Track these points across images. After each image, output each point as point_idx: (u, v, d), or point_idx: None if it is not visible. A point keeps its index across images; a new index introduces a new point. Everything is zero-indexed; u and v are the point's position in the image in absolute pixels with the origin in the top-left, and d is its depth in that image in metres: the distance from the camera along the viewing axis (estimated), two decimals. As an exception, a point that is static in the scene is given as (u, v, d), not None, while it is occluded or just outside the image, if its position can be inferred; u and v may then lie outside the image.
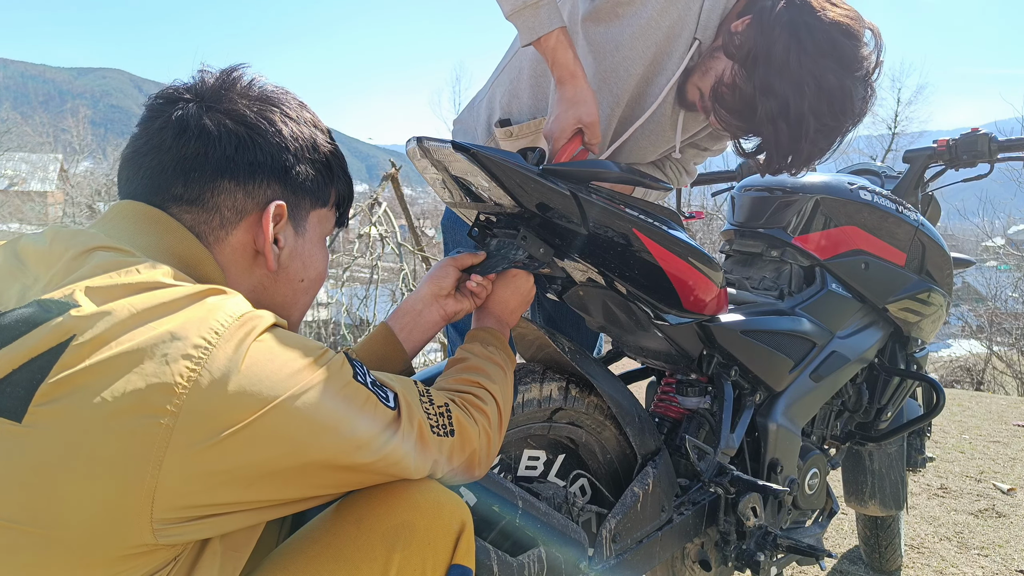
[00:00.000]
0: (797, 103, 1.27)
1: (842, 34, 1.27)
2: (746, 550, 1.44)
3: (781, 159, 1.37)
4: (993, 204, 16.29)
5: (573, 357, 1.26)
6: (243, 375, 0.69)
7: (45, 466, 0.63)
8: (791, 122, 1.29)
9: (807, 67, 1.26)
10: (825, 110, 1.28)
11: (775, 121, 1.30)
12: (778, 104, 1.28)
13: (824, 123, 1.30)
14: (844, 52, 1.27)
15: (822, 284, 1.64)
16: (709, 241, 11.55)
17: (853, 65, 1.28)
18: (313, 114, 0.97)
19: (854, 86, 1.28)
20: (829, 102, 1.28)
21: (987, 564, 2.31)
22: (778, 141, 1.33)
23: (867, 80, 1.31)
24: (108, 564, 0.65)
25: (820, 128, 1.30)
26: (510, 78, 1.53)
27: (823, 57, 1.26)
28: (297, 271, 0.95)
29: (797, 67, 1.26)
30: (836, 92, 1.27)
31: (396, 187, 7.08)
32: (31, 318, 0.67)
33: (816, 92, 1.27)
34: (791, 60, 1.26)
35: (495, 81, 1.59)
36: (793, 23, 1.26)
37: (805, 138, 1.30)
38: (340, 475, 0.79)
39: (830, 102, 1.28)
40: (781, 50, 1.26)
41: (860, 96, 1.31)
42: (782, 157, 1.36)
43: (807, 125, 1.29)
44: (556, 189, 1.10)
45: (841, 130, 1.33)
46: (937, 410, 1.81)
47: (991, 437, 3.91)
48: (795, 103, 1.27)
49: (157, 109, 0.88)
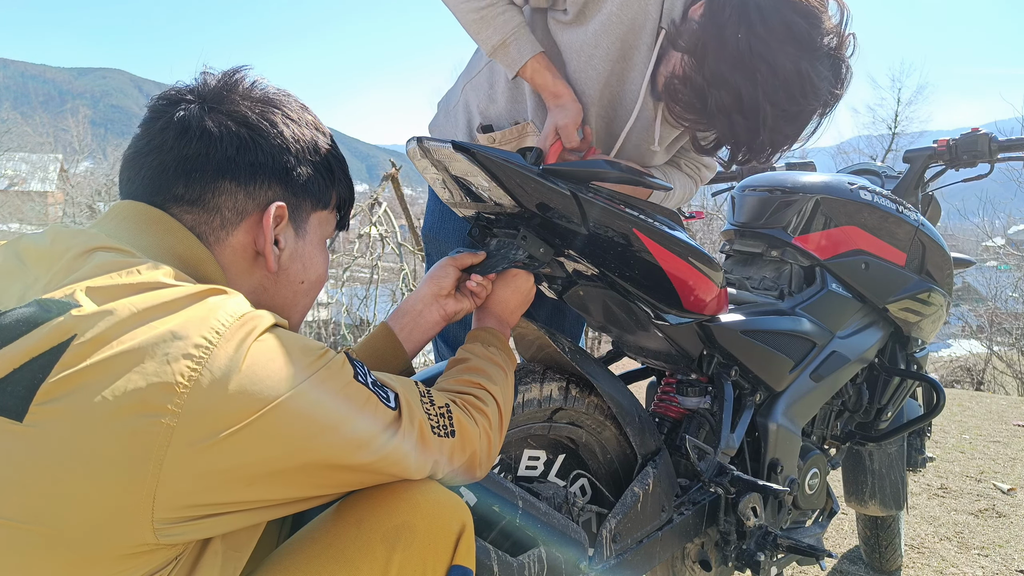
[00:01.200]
0: (751, 92, 1.20)
1: (796, 13, 1.19)
2: (746, 550, 1.44)
3: (742, 151, 1.31)
4: (993, 204, 16.29)
5: (573, 357, 1.26)
6: (244, 375, 0.69)
7: (46, 465, 0.63)
8: (746, 113, 1.23)
9: (759, 52, 1.18)
10: (783, 97, 1.21)
11: (730, 113, 1.24)
12: (730, 95, 1.22)
13: (783, 109, 1.22)
14: (799, 32, 1.19)
15: (822, 284, 1.64)
16: (709, 241, 11.55)
17: (811, 44, 1.20)
18: (315, 116, 0.98)
19: (813, 67, 1.20)
20: (786, 87, 1.20)
21: (987, 564, 2.31)
22: (735, 133, 1.27)
23: (834, 56, 1.24)
24: (109, 563, 0.65)
25: (780, 115, 1.23)
26: (488, 83, 1.54)
27: (776, 40, 1.18)
28: (297, 273, 0.95)
29: (748, 53, 1.18)
30: (793, 76, 1.19)
31: (396, 187, 7.08)
32: (32, 318, 0.67)
33: (770, 78, 1.19)
34: (741, 46, 1.19)
35: (468, 84, 1.58)
36: (743, 5, 1.19)
37: (764, 127, 1.24)
38: (341, 475, 0.79)
39: (786, 87, 1.20)
40: (731, 35, 1.19)
41: (824, 75, 1.22)
42: (743, 149, 1.30)
43: (764, 114, 1.22)
44: (556, 189, 1.10)
45: (808, 113, 1.26)
46: (937, 410, 1.81)
47: (991, 437, 3.91)
48: (748, 92, 1.20)
49: (159, 110, 0.88)
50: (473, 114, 1.57)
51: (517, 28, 1.37)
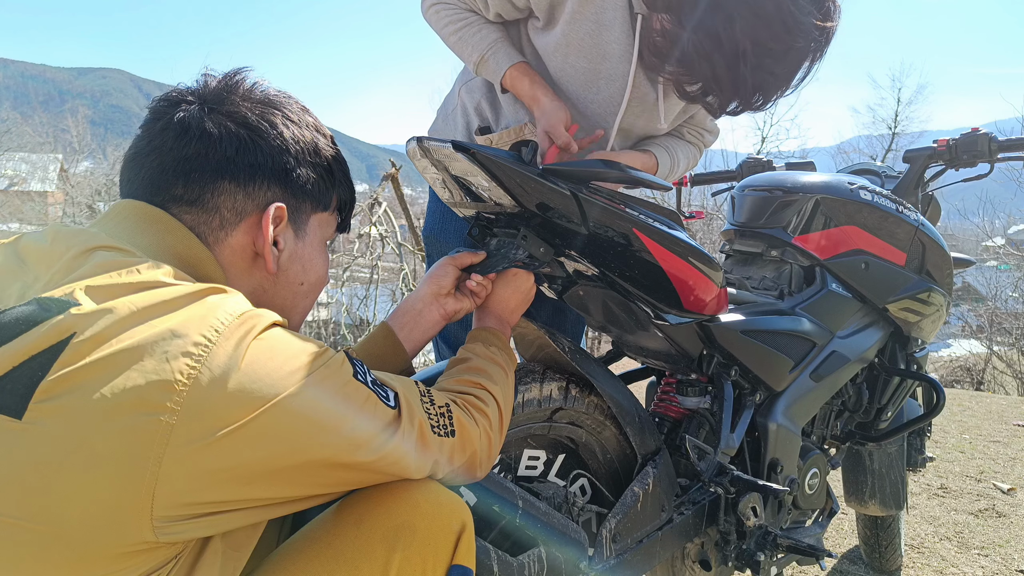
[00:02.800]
0: (728, 32, 1.19)
1: None
2: (746, 550, 1.44)
3: (728, 95, 1.29)
4: (993, 204, 16.30)
5: (573, 357, 1.26)
6: (243, 373, 0.69)
7: (45, 463, 0.63)
8: (726, 53, 1.22)
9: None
10: (763, 34, 1.19)
11: (709, 56, 1.23)
12: (709, 37, 1.21)
13: (766, 47, 1.21)
14: None
15: (822, 284, 1.64)
16: (709, 241, 11.55)
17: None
18: (315, 118, 0.98)
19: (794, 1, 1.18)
20: (766, 23, 1.18)
21: (987, 564, 2.31)
22: (716, 75, 1.26)
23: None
24: (108, 561, 0.65)
25: (763, 52, 1.22)
26: (486, 85, 1.57)
27: None
28: (297, 274, 0.95)
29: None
30: (772, 11, 1.18)
31: (396, 187, 7.09)
32: (31, 316, 0.67)
33: (749, 16, 1.18)
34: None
35: (464, 87, 1.61)
36: None
37: (745, 65, 1.22)
38: (340, 474, 0.79)
39: (767, 23, 1.18)
40: None
41: (807, 9, 1.20)
42: (728, 93, 1.29)
43: (744, 52, 1.21)
44: (556, 189, 1.10)
45: (796, 51, 1.23)
46: (937, 410, 1.81)
47: (991, 437, 3.91)
48: (726, 32, 1.19)
49: (160, 111, 0.89)
50: (471, 116, 1.59)
51: (493, 43, 1.45)
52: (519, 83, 1.44)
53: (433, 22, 1.52)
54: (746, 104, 1.31)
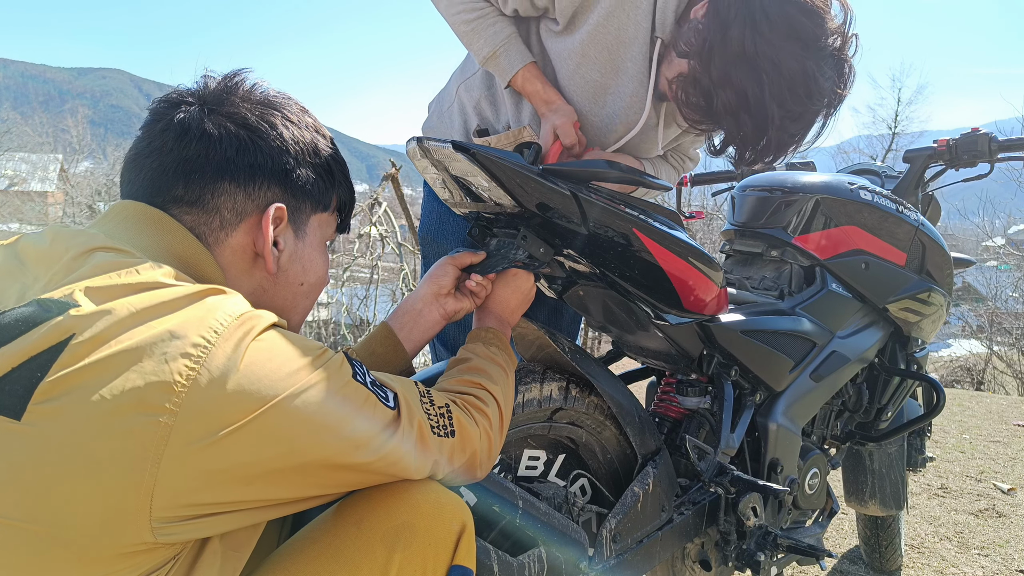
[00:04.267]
0: (756, 92, 1.21)
1: (801, 12, 1.20)
2: (746, 550, 1.44)
3: (749, 152, 1.31)
4: (993, 204, 16.30)
5: (573, 357, 1.26)
6: (242, 374, 0.69)
7: (44, 464, 0.63)
8: (753, 113, 1.23)
9: (764, 52, 1.19)
10: (788, 96, 1.22)
11: (736, 114, 1.25)
12: (736, 95, 1.23)
13: (789, 109, 1.23)
14: (803, 32, 1.20)
15: (822, 284, 1.64)
16: (709, 241, 11.55)
17: (815, 44, 1.21)
18: (315, 119, 0.98)
19: (819, 67, 1.22)
20: (791, 87, 1.21)
21: (987, 564, 2.31)
22: (742, 134, 1.28)
23: (837, 56, 1.25)
24: (107, 562, 0.65)
25: (786, 115, 1.24)
26: (486, 85, 1.56)
27: (781, 40, 1.19)
28: (297, 274, 0.95)
29: (753, 53, 1.19)
30: (798, 76, 1.20)
31: (396, 187, 7.09)
32: (30, 317, 0.67)
33: (776, 78, 1.20)
34: (747, 46, 1.19)
35: (463, 85, 1.59)
36: (747, 4, 1.20)
37: (771, 126, 1.24)
38: (339, 475, 0.79)
39: (792, 87, 1.21)
40: (736, 36, 1.20)
41: (828, 76, 1.23)
42: (750, 149, 1.31)
43: (771, 113, 1.23)
44: (556, 189, 1.10)
45: (813, 113, 1.27)
46: (937, 410, 1.81)
47: (991, 437, 3.91)
48: (754, 92, 1.21)
49: (160, 112, 0.89)
50: (469, 116, 1.57)
51: (507, 39, 1.42)
52: (531, 84, 1.42)
53: (443, 7, 1.48)
54: (760, 158, 1.33)
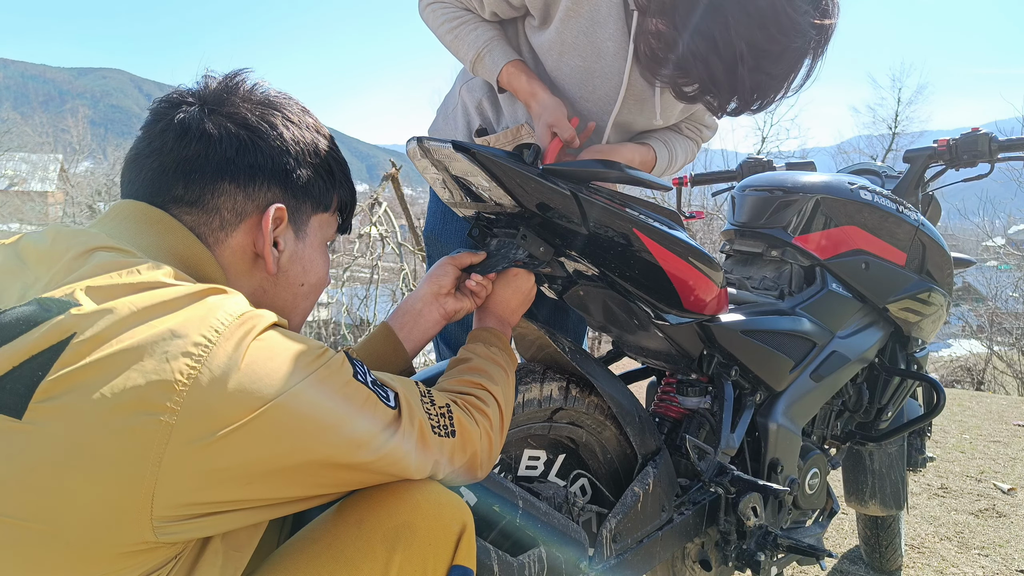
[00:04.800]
0: (724, 34, 1.17)
1: None
2: (746, 550, 1.44)
3: (726, 96, 1.28)
4: (993, 204, 16.29)
5: (573, 357, 1.26)
6: (243, 373, 0.69)
7: (45, 463, 0.63)
8: (722, 55, 1.19)
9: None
10: (759, 35, 1.17)
11: (705, 59, 1.21)
12: (703, 39, 1.19)
13: (763, 48, 1.19)
14: None
15: (822, 284, 1.64)
16: (709, 241, 11.55)
17: None
18: (316, 119, 0.98)
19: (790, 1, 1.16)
20: (760, 24, 1.16)
21: (987, 564, 2.31)
22: (713, 77, 1.24)
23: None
24: (108, 561, 0.65)
25: (760, 54, 1.19)
26: (486, 85, 1.57)
27: None
28: (297, 275, 0.95)
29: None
30: (767, 12, 1.15)
31: (396, 187, 7.08)
32: (31, 316, 0.67)
33: (744, 18, 1.16)
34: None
35: (464, 86, 1.61)
36: None
37: (743, 65, 1.20)
38: (340, 474, 0.79)
39: (762, 24, 1.16)
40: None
41: (803, 8, 1.17)
42: (726, 94, 1.27)
43: (740, 53, 1.19)
44: (557, 189, 1.10)
45: (793, 51, 1.21)
46: (937, 410, 1.81)
47: (991, 437, 3.91)
48: (721, 34, 1.17)
49: (160, 112, 0.89)
50: (472, 115, 1.59)
51: (488, 41, 1.44)
52: (516, 80, 1.43)
53: (429, 21, 1.52)
54: (745, 104, 1.30)
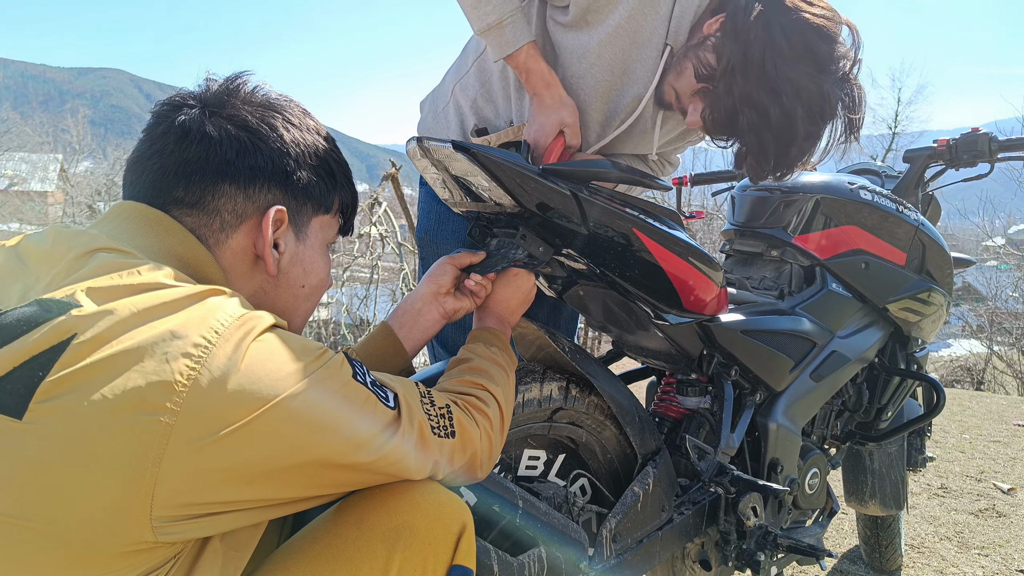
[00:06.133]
0: (778, 113, 1.23)
1: (819, 37, 1.22)
2: (746, 550, 1.44)
3: (766, 166, 1.33)
4: (993, 204, 16.29)
5: (573, 357, 1.26)
6: (242, 374, 0.69)
7: (45, 463, 0.63)
8: (775, 131, 1.25)
9: (784, 73, 1.21)
10: (804, 116, 1.24)
11: (759, 132, 1.26)
12: (758, 115, 1.24)
13: (807, 130, 1.26)
14: (821, 55, 1.22)
15: (822, 284, 1.64)
16: (709, 241, 11.55)
17: (830, 67, 1.23)
18: (316, 121, 0.98)
19: (832, 89, 1.24)
20: (808, 108, 1.23)
21: (987, 564, 2.31)
22: (762, 149, 1.29)
23: (845, 80, 1.27)
24: (108, 561, 0.65)
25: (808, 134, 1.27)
26: (479, 82, 1.53)
27: (800, 62, 1.21)
28: (298, 277, 0.95)
29: (774, 73, 1.21)
30: (815, 97, 1.23)
31: (396, 187, 7.08)
32: (32, 317, 0.67)
33: (794, 98, 1.22)
34: (767, 67, 1.21)
35: (458, 84, 1.56)
36: (768, 26, 1.21)
37: (794, 143, 1.27)
38: (340, 474, 0.79)
39: (809, 108, 1.23)
40: (756, 57, 1.21)
41: (838, 98, 1.26)
42: (767, 164, 1.32)
43: (794, 130, 1.25)
44: (557, 189, 1.10)
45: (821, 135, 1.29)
46: (937, 410, 1.81)
47: (991, 437, 3.91)
48: (775, 113, 1.23)
49: (162, 115, 0.89)
50: (466, 115, 1.55)
51: (515, 11, 1.35)
52: (534, 62, 1.36)
53: None
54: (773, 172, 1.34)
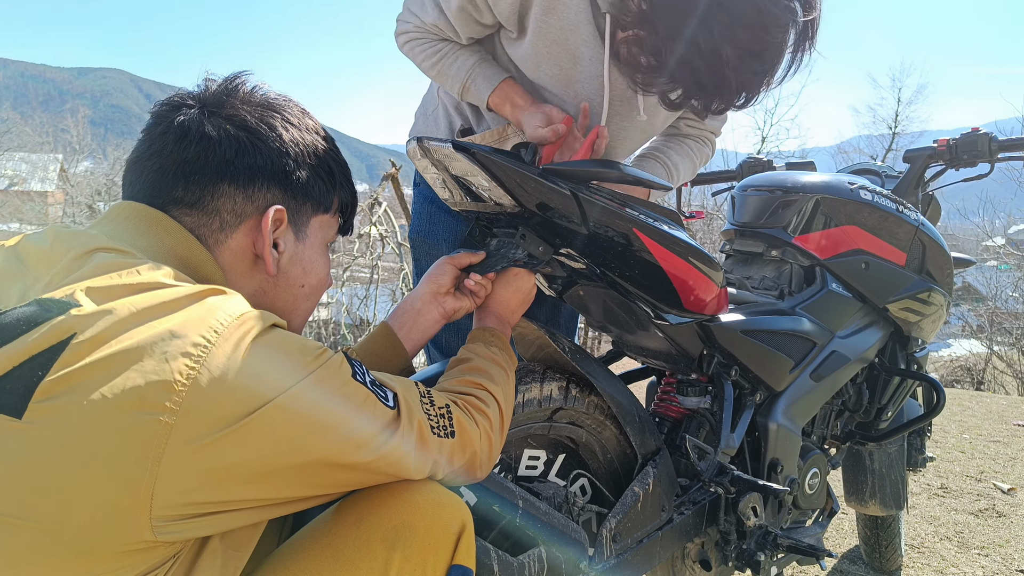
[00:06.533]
0: (707, 38, 1.15)
1: None
2: (746, 550, 1.44)
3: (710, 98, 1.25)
4: (993, 204, 16.28)
5: (573, 357, 1.26)
6: (242, 373, 0.69)
7: (45, 462, 0.63)
8: (706, 59, 1.17)
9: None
10: (742, 35, 1.15)
11: (690, 62, 1.19)
12: (686, 45, 1.17)
13: (746, 48, 1.17)
14: None
15: (822, 284, 1.64)
16: (709, 241, 11.55)
17: None
18: (316, 121, 0.98)
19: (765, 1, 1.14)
20: (742, 23, 1.14)
21: (987, 564, 2.31)
22: (698, 81, 1.22)
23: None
24: (107, 560, 0.65)
25: (744, 54, 1.17)
26: None
27: None
28: (297, 276, 0.95)
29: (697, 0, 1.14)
30: (748, 11, 1.14)
31: (396, 187, 7.08)
32: (32, 317, 0.67)
33: (723, 18, 1.14)
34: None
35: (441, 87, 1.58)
36: None
37: (728, 67, 1.19)
38: (339, 474, 0.79)
39: (745, 24, 1.14)
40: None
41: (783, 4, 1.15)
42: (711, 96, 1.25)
43: (726, 56, 1.17)
44: (557, 189, 1.10)
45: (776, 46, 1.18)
46: (937, 410, 1.81)
47: (991, 437, 3.91)
48: (705, 38, 1.15)
49: (161, 115, 0.89)
50: (453, 115, 1.58)
51: (471, 69, 1.42)
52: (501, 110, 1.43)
53: (411, 57, 1.50)
54: (728, 104, 1.27)
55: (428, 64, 1.47)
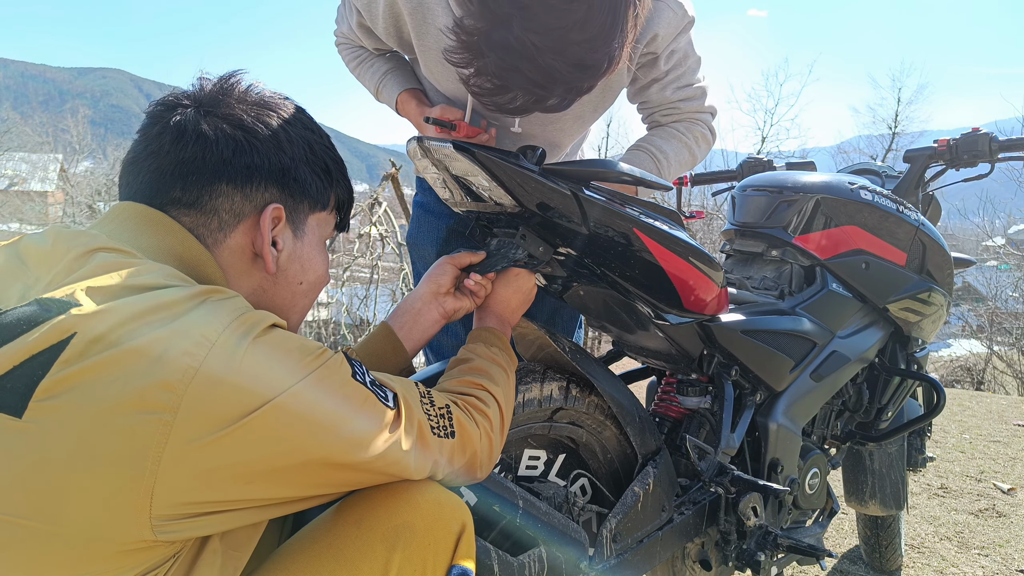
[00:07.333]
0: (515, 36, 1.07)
1: None
2: (746, 550, 1.44)
3: (552, 87, 1.15)
4: (993, 204, 16.28)
5: (573, 357, 1.26)
6: (242, 373, 0.69)
7: (45, 462, 0.63)
8: (522, 55, 1.08)
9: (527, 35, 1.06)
10: (544, 17, 1.05)
11: (515, 67, 1.10)
12: (503, 50, 1.09)
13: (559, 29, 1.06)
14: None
15: (823, 284, 1.64)
16: (709, 241, 11.55)
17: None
18: (311, 119, 0.98)
19: None
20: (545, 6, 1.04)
21: (987, 564, 2.31)
22: (530, 80, 1.12)
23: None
24: (107, 559, 0.65)
25: (559, 36, 1.07)
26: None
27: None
28: (296, 274, 0.96)
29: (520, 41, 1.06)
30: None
31: (396, 187, 7.08)
32: (32, 316, 0.67)
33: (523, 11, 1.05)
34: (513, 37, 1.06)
35: None
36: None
37: (542, 53, 1.07)
38: (339, 474, 0.79)
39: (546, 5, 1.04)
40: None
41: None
42: (551, 85, 1.14)
43: (535, 46, 1.07)
44: (557, 189, 1.10)
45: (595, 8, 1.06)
46: (937, 410, 1.81)
47: (991, 437, 3.91)
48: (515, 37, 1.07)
49: (156, 115, 0.89)
50: None
51: (382, 77, 1.56)
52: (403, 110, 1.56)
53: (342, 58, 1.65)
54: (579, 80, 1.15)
55: (352, 67, 1.63)
